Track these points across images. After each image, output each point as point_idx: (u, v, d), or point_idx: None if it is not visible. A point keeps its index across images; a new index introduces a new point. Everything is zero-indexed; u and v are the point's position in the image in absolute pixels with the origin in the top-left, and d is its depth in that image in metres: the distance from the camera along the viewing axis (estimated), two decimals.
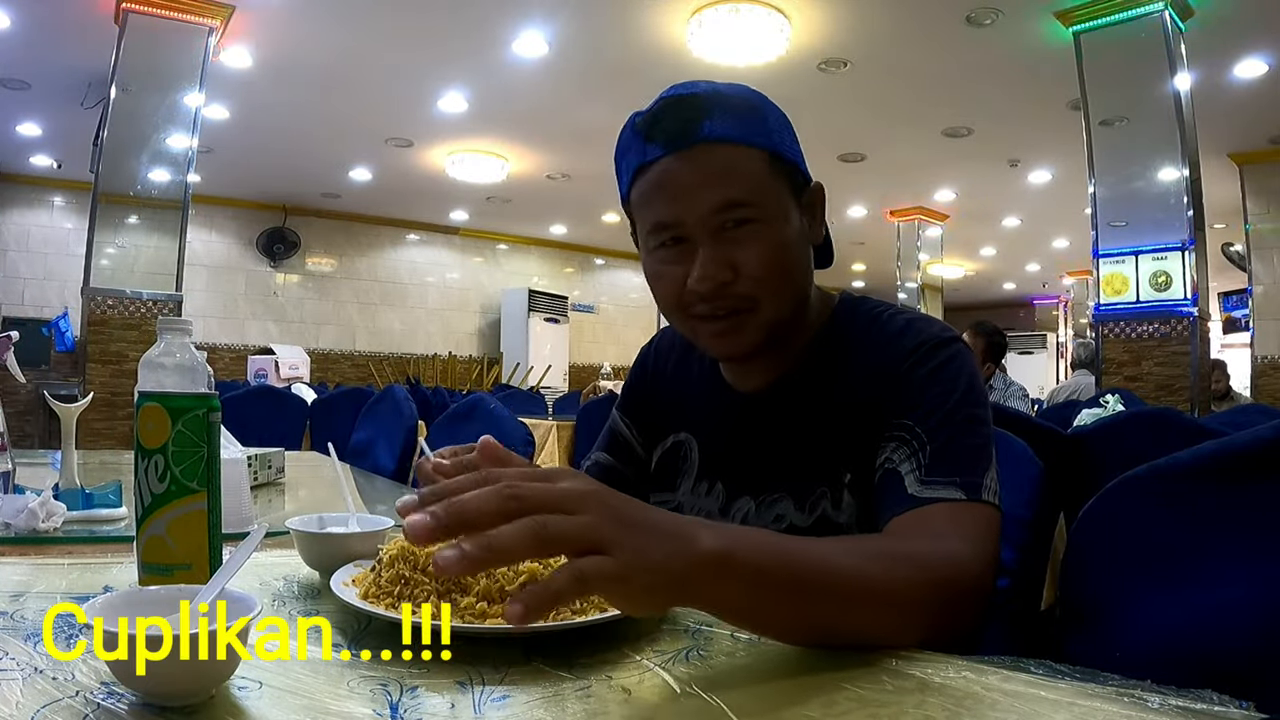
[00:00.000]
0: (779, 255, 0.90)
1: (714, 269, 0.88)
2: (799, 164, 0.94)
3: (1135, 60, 5.02)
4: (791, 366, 0.99)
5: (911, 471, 0.83)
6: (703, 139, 0.87)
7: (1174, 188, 4.94)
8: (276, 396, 4.39)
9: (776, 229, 0.90)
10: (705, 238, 0.89)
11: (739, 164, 0.88)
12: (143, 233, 5.11)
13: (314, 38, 5.86)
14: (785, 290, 0.92)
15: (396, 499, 1.60)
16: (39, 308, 9.19)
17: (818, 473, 0.94)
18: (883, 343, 0.93)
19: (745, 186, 0.88)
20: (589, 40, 5.78)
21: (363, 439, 2.36)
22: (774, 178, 0.90)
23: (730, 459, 1.03)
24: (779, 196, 0.90)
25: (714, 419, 1.06)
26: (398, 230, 11.64)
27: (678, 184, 0.89)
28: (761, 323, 0.91)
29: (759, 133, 0.90)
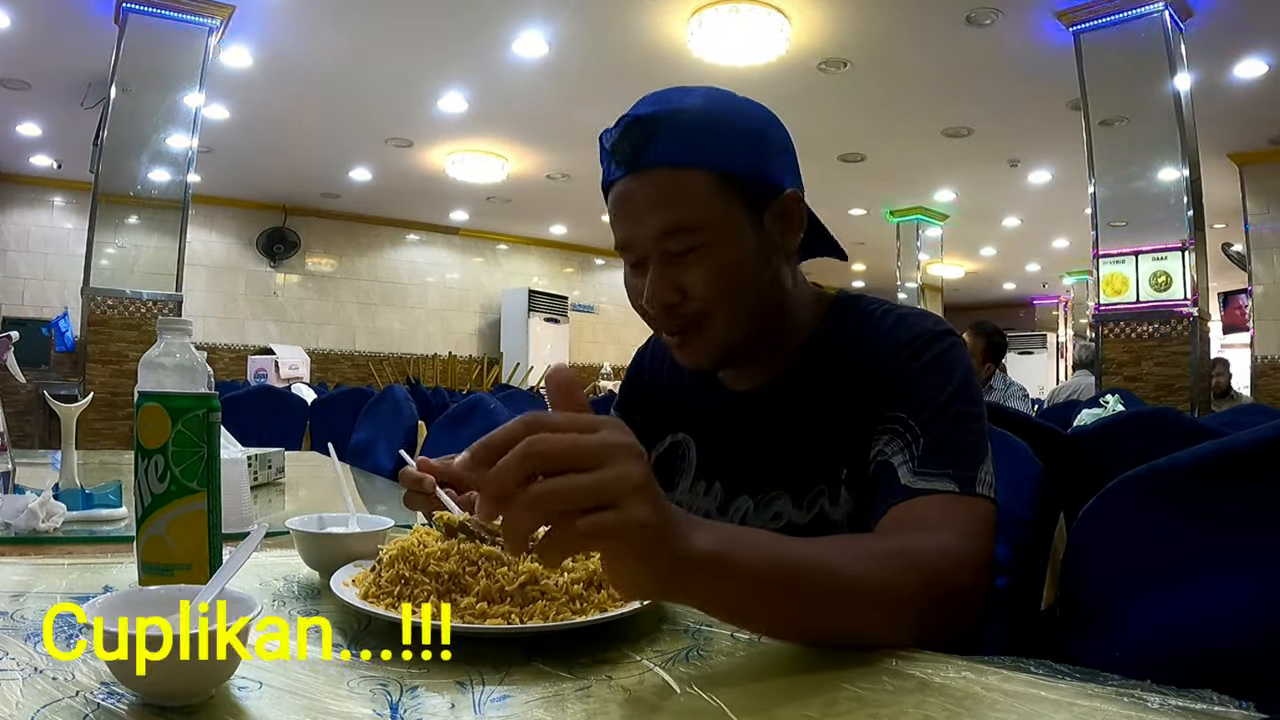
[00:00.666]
0: (726, 277, 0.90)
1: (660, 291, 0.91)
2: (763, 176, 0.92)
3: (1135, 60, 5.01)
4: (786, 366, 0.99)
5: (905, 463, 0.83)
6: (650, 163, 0.88)
7: (1174, 188, 4.93)
8: (276, 397, 4.39)
9: (723, 251, 0.89)
10: (654, 259, 0.91)
11: (681, 188, 0.88)
12: (143, 233, 5.11)
13: (314, 38, 5.86)
14: (739, 307, 0.92)
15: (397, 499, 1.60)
16: (39, 308, 9.18)
17: (815, 470, 0.94)
18: (877, 338, 0.94)
19: (687, 210, 0.88)
20: (589, 40, 5.78)
21: (363, 439, 2.36)
22: (721, 198, 0.89)
23: (727, 458, 1.03)
24: (727, 217, 0.89)
25: (710, 418, 1.06)
26: (398, 230, 11.64)
27: (630, 206, 0.91)
28: (714, 338, 0.93)
29: (706, 153, 0.88)
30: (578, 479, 0.51)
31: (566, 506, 0.51)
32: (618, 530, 0.52)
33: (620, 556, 0.54)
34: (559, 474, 0.51)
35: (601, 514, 0.51)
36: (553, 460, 0.51)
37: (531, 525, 0.51)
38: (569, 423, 0.53)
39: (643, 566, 0.54)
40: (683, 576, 0.56)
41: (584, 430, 0.53)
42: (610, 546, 0.53)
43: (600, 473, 0.51)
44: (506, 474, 0.51)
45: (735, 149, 0.91)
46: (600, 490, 0.51)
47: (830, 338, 0.98)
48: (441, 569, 0.70)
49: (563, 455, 0.51)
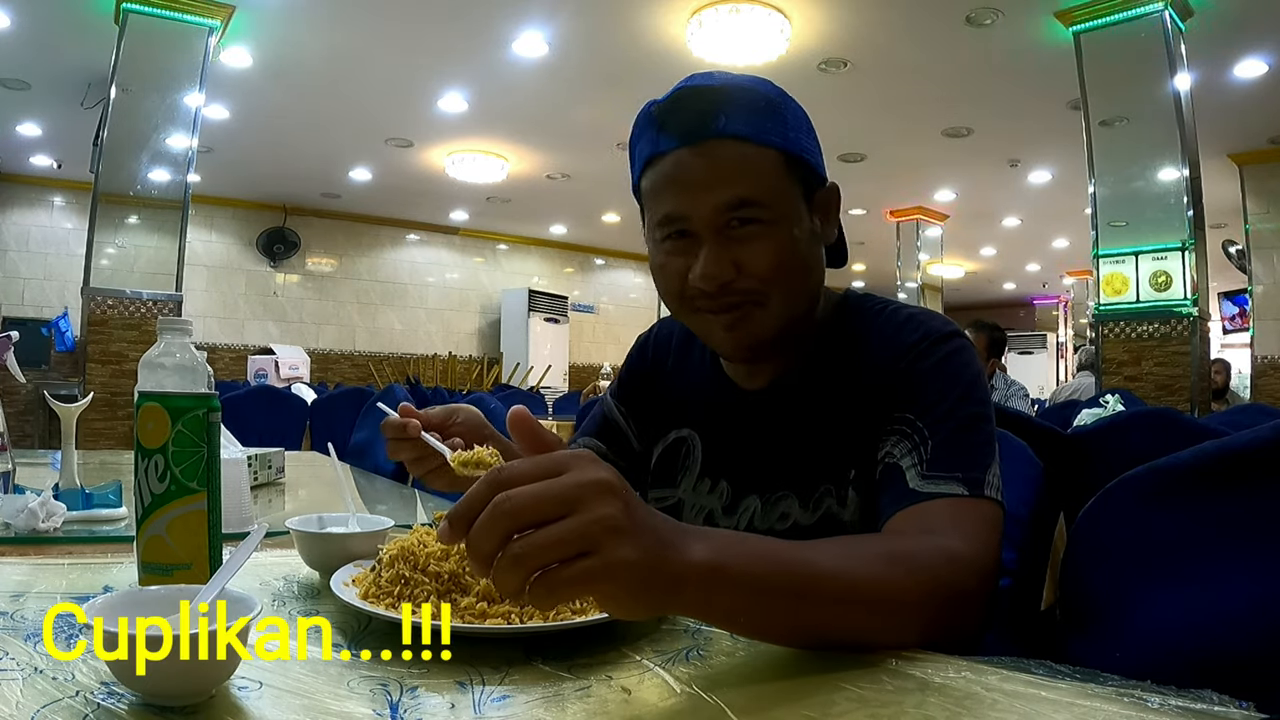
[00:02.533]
0: (785, 256, 0.89)
1: (716, 267, 0.87)
2: (815, 165, 0.93)
3: (1135, 60, 5.01)
4: (795, 365, 0.99)
5: (913, 466, 0.82)
6: (716, 134, 0.86)
7: (1174, 188, 4.93)
8: (276, 397, 4.40)
9: (784, 230, 0.89)
10: (710, 234, 0.88)
11: (751, 162, 0.87)
12: (143, 233, 5.11)
13: (314, 38, 5.86)
14: (794, 288, 0.91)
15: (397, 499, 1.60)
16: (39, 308, 9.19)
17: (822, 470, 0.93)
18: (885, 338, 0.93)
19: (756, 185, 0.87)
20: (589, 40, 5.78)
21: (362, 439, 2.36)
22: (786, 178, 0.89)
23: (735, 457, 1.02)
24: (790, 198, 0.90)
25: (717, 416, 1.05)
26: (398, 230, 11.64)
27: (688, 178, 0.88)
28: (771, 317, 0.91)
29: (774, 132, 0.89)
30: (550, 532, 0.50)
31: (544, 562, 0.50)
32: (600, 574, 0.51)
33: (610, 596, 0.53)
34: (534, 526, 0.50)
35: (583, 561, 0.50)
36: (521, 516, 0.50)
37: (517, 584, 0.50)
38: (534, 469, 0.52)
39: (635, 598, 0.53)
40: (679, 593, 0.55)
41: (551, 474, 0.52)
42: (597, 590, 0.52)
43: (574, 519, 0.50)
44: (480, 538, 0.50)
45: (798, 131, 0.92)
46: (575, 538, 0.50)
47: (839, 337, 0.97)
48: (441, 569, 0.70)
49: (531, 510, 0.50)
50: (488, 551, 0.50)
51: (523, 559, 0.49)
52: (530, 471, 0.52)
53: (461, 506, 0.52)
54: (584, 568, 0.50)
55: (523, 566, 0.50)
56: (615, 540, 0.51)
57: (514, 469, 0.52)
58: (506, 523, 0.50)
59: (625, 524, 0.52)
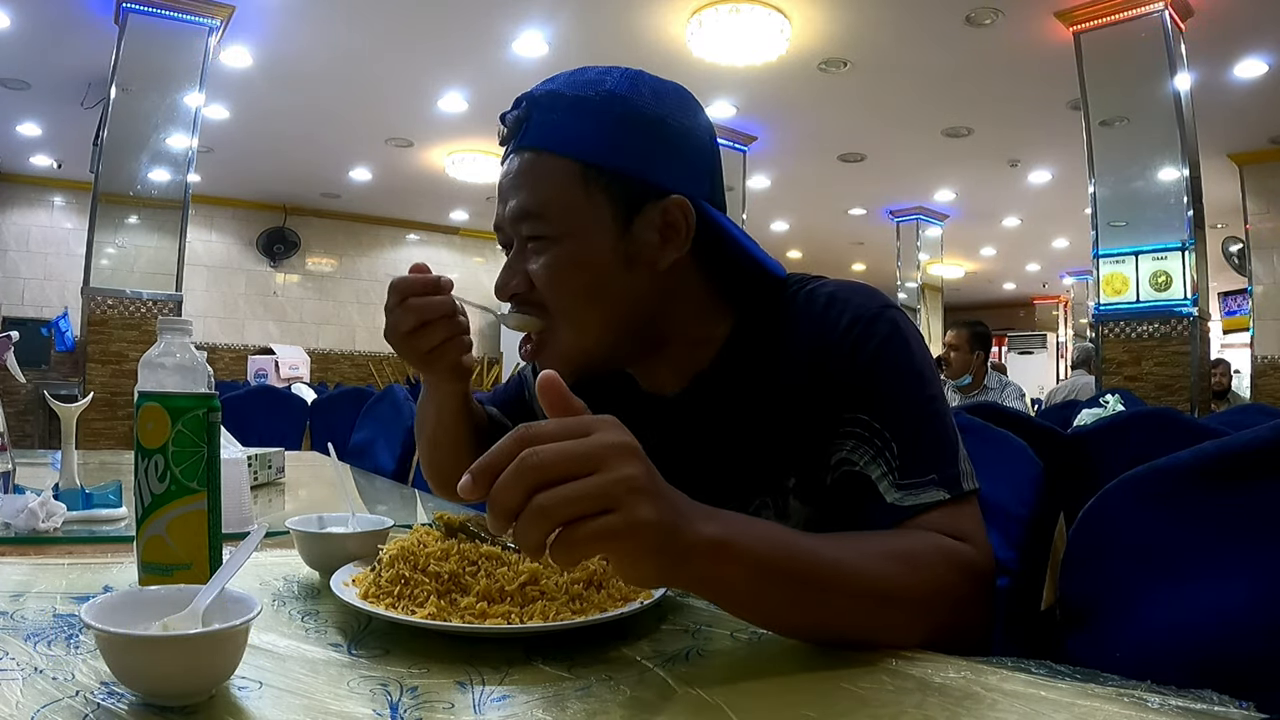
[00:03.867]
0: (570, 278, 0.82)
1: (505, 275, 0.86)
2: (641, 176, 0.82)
3: (1135, 60, 5.02)
4: (708, 365, 0.89)
5: (884, 476, 0.77)
6: (519, 143, 0.85)
7: (1174, 188, 4.94)
8: (276, 396, 4.39)
9: (572, 248, 0.82)
10: (513, 243, 0.87)
11: (540, 173, 0.82)
12: (143, 233, 5.11)
13: (314, 37, 5.86)
14: (585, 314, 0.84)
15: (397, 499, 1.60)
16: (39, 308, 9.19)
17: (755, 480, 0.86)
18: (811, 324, 0.84)
19: (538, 197, 0.82)
20: (589, 40, 5.77)
21: (363, 439, 2.36)
22: (582, 192, 0.81)
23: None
24: (585, 212, 0.82)
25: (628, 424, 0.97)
26: (398, 230, 11.64)
27: (500, 184, 0.88)
28: (559, 348, 0.85)
29: (574, 141, 0.81)
30: (575, 487, 0.51)
31: (569, 516, 0.51)
32: (622, 532, 0.52)
33: (627, 554, 0.54)
34: (558, 483, 0.51)
35: (605, 518, 0.51)
36: (548, 471, 0.51)
37: (539, 537, 0.51)
38: (560, 429, 0.53)
39: (649, 560, 0.55)
40: (688, 564, 0.57)
41: (576, 435, 0.53)
42: (616, 547, 0.53)
43: (597, 477, 0.52)
44: (505, 492, 0.51)
45: (611, 140, 0.82)
46: (600, 494, 0.51)
47: (758, 327, 0.88)
48: (441, 569, 0.70)
49: (557, 465, 0.51)
50: (510, 506, 0.51)
51: (547, 512, 0.50)
52: (556, 431, 0.53)
53: (487, 460, 0.52)
54: (606, 524, 0.51)
55: (547, 519, 0.50)
56: (637, 499, 0.52)
57: (541, 428, 0.53)
58: (532, 476, 0.51)
59: (648, 485, 0.54)
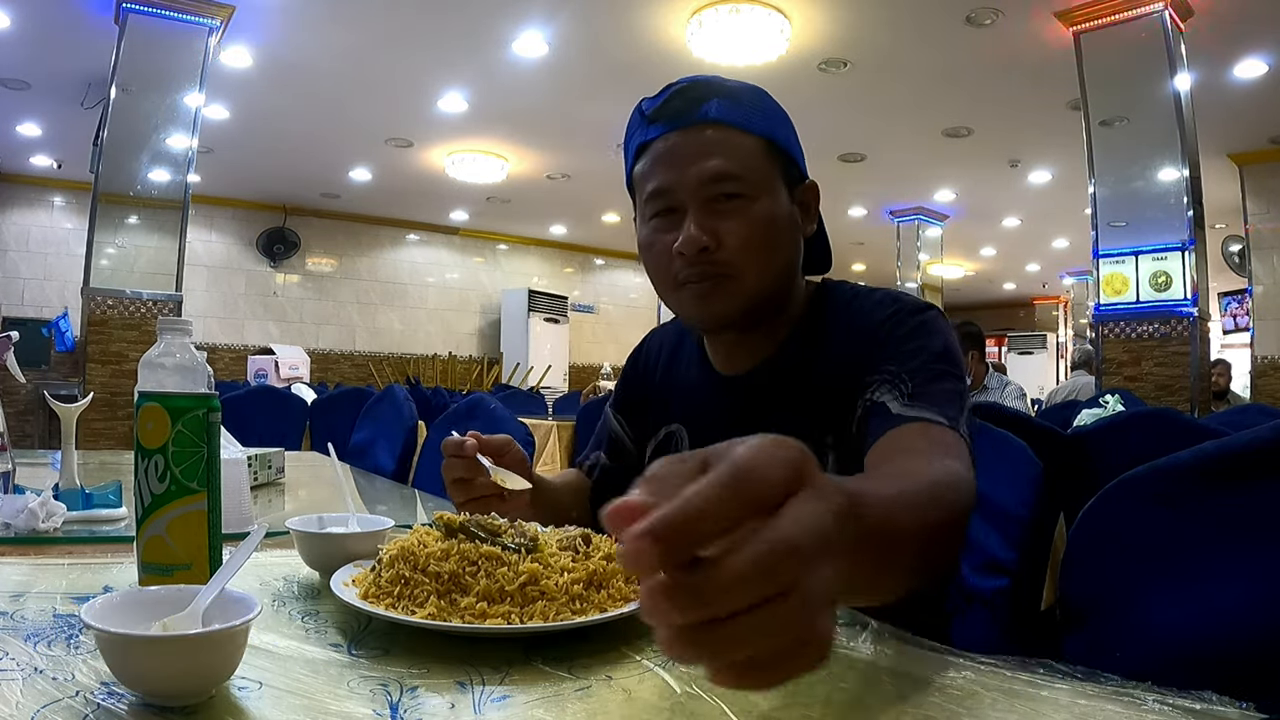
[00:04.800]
0: (762, 230, 0.95)
1: (697, 233, 0.93)
2: (796, 159, 1.01)
3: (1135, 60, 5.01)
4: (775, 349, 1.04)
5: (896, 399, 0.88)
6: (702, 118, 0.95)
7: (1174, 188, 4.93)
8: (276, 397, 4.39)
9: (763, 206, 0.95)
10: (694, 205, 0.94)
11: (734, 142, 0.95)
12: (143, 233, 5.11)
13: (314, 38, 5.86)
14: (767, 264, 0.97)
15: (397, 499, 1.60)
16: (39, 308, 9.18)
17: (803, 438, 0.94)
18: (862, 316, 0.99)
19: (737, 162, 0.94)
20: (589, 40, 5.78)
21: (363, 439, 2.36)
22: (767, 161, 0.96)
23: (718, 441, 1.00)
24: (770, 178, 0.96)
25: (702, 406, 1.10)
26: (398, 230, 11.64)
27: (675, 154, 0.96)
28: (741, 290, 0.96)
29: (757, 122, 0.97)
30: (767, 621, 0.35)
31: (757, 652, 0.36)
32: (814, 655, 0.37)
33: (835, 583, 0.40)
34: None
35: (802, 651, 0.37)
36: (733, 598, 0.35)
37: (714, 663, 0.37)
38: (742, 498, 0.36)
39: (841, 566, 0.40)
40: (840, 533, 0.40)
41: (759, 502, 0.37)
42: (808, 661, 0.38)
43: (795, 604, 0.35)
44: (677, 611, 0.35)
45: (780, 126, 1.00)
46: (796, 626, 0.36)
47: (817, 321, 1.03)
48: (441, 569, 0.70)
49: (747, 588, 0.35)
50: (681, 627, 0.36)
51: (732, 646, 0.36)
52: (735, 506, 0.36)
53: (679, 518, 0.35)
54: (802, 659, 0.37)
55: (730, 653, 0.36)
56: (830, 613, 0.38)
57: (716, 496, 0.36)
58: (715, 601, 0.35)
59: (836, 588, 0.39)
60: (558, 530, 0.79)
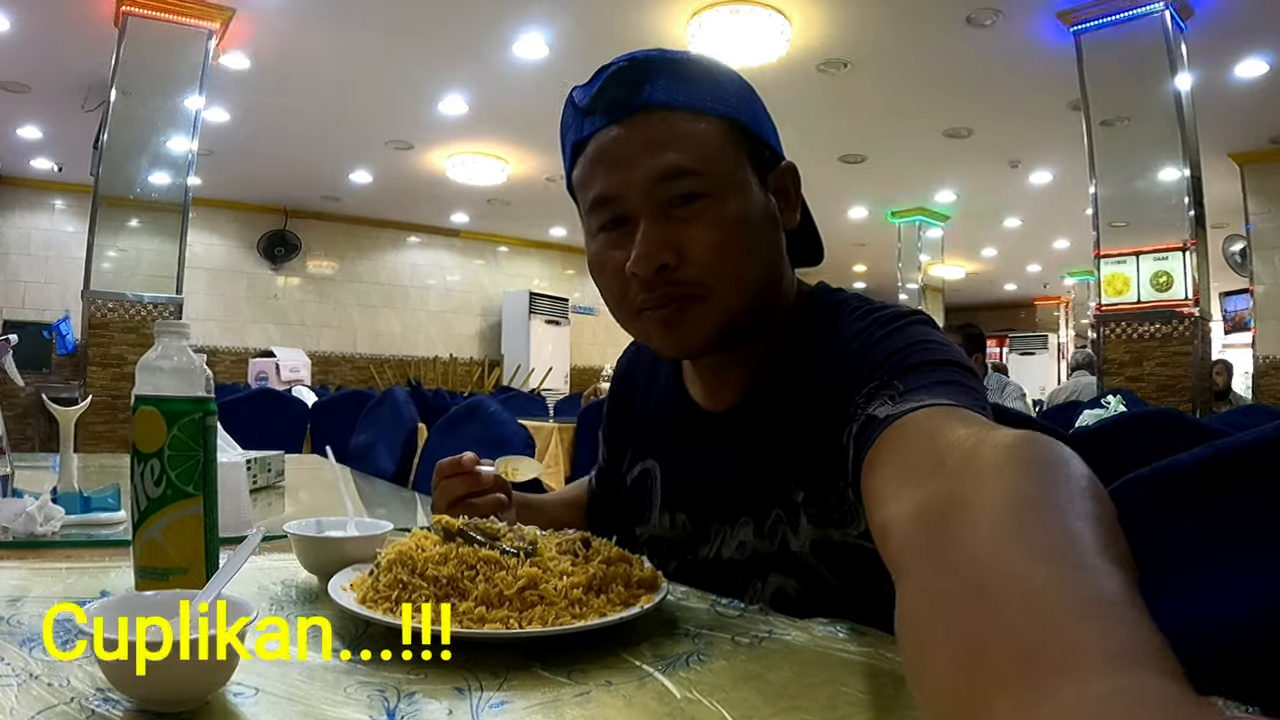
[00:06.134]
0: (733, 235, 0.78)
1: (653, 248, 0.77)
2: (765, 137, 0.84)
3: (1136, 60, 5.00)
4: (762, 375, 0.88)
5: (883, 404, 0.66)
6: (645, 104, 0.79)
7: (1175, 188, 4.93)
8: (277, 399, 4.39)
9: (731, 205, 0.78)
10: (648, 212, 0.78)
11: (687, 129, 0.79)
12: (143, 236, 5.11)
13: (313, 40, 5.86)
14: (743, 275, 0.80)
15: (397, 502, 1.59)
16: (40, 311, 9.18)
17: (771, 493, 0.83)
18: (838, 338, 0.81)
19: (693, 153, 0.78)
20: (590, 42, 5.77)
21: (362, 442, 2.36)
22: (731, 148, 0.80)
23: (693, 486, 0.92)
24: (735, 168, 0.80)
25: (677, 443, 0.96)
26: (399, 233, 11.63)
27: (616, 152, 0.79)
28: (713, 312, 0.79)
29: (713, 98, 0.80)
30: None
31: None
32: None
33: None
34: None
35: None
36: None
37: None
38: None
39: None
40: None
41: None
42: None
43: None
44: None
45: (747, 103, 0.83)
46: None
47: (807, 338, 0.86)
48: (440, 573, 0.69)
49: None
50: None
51: None
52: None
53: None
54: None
55: None
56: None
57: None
58: None
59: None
60: (556, 534, 0.78)
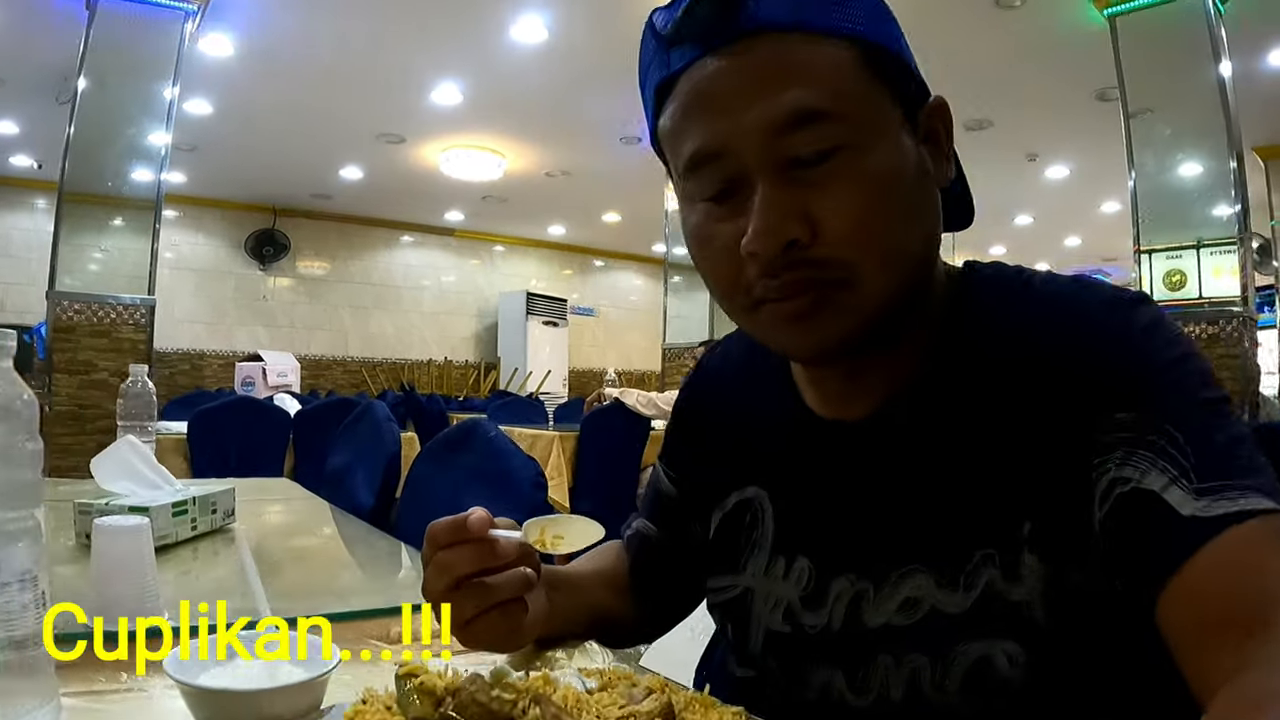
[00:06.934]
0: (882, 198, 0.59)
1: (777, 219, 0.57)
2: (911, 67, 0.63)
3: (1174, 46, 4.71)
4: (909, 378, 0.67)
5: (1172, 484, 0.52)
6: (751, 26, 0.58)
7: (1218, 180, 4.61)
8: (256, 409, 4.07)
9: (877, 156, 0.59)
10: (766, 173, 0.58)
11: (809, 58, 0.58)
12: (114, 234, 4.77)
13: (299, 24, 5.54)
14: (896, 251, 0.61)
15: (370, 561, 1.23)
16: (20, 314, 8.85)
17: (973, 530, 0.61)
18: (1049, 319, 0.63)
19: (821, 89, 0.57)
20: (592, 24, 5.45)
21: (339, 465, 2.01)
22: (867, 79, 0.60)
23: (821, 522, 0.69)
24: (878, 107, 0.60)
25: (795, 465, 0.73)
26: (391, 232, 11.33)
27: (716, 93, 0.59)
28: (860, 302, 0.60)
29: (838, 14, 0.59)
30: None
31: None
32: None
33: None
34: None
35: None
36: None
37: None
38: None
39: None
40: None
41: None
42: None
43: None
44: None
45: (869, 13, 0.61)
46: None
47: (972, 328, 0.66)
48: None
49: None
50: None
51: None
52: None
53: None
54: None
55: None
56: None
57: None
58: None
59: None
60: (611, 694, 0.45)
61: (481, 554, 0.62)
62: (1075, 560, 0.58)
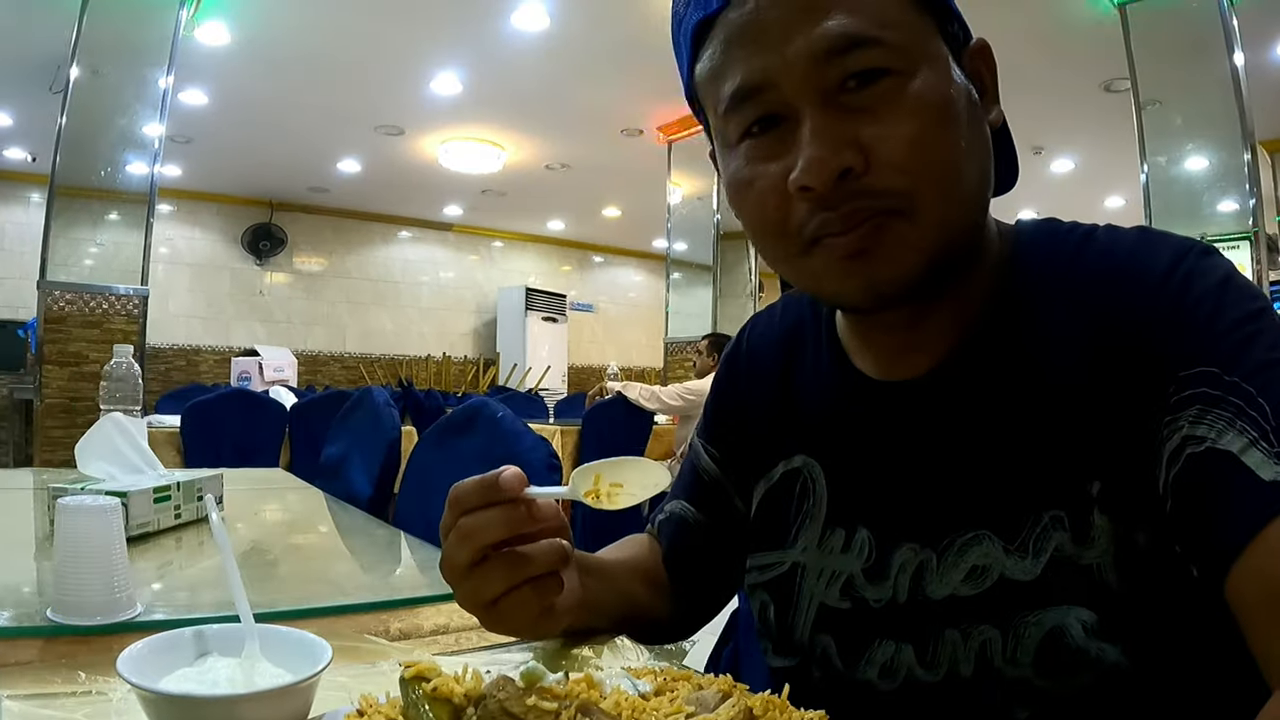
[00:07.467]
0: (936, 122, 0.56)
1: (829, 148, 0.54)
2: (952, 4, 0.61)
3: (1186, 35, 4.65)
4: (965, 334, 0.64)
5: (1251, 445, 0.49)
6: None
7: (1230, 174, 4.55)
8: (251, 401, 4.00)
9: (927, 80, 0.56)
10: (812, 103, 0.56)
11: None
12: (107, 225, 4.70)
13: (296, 12, 5.45)
14: (955, 179, 0.57)
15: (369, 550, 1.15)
16: (14, 309, 8.81)
17: (1040, 491, 0.58)
18: (1108, 271, 0.60)
19: (867, 14, 0.56)
20: (594, 10, 5.35)
21: (335, 454, 1.93)
22: (915, 11, 0.58)
23: (879, 489, 0.66)
24: (926, 35, 0.58)
25: (846, 430, 0.69)
26: (389, 226, 11.24)
27: (758, 24, 0.57)
28: (920, 238, 0.56)
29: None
30: None
31: None
32: None
33: None
34: None
35: None
36: None
37: None
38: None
39: None
40: None
41: None
42: None
43: None
44: None
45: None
46: None
47: (1027, 284, 0.63)
48: None
49: None
50: None
51: None
52: None
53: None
54: None
55: None
56: None
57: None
58: None
59: None
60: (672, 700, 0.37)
61: (515, 518, 0.56)
62: (1144, 522, 0.55)
